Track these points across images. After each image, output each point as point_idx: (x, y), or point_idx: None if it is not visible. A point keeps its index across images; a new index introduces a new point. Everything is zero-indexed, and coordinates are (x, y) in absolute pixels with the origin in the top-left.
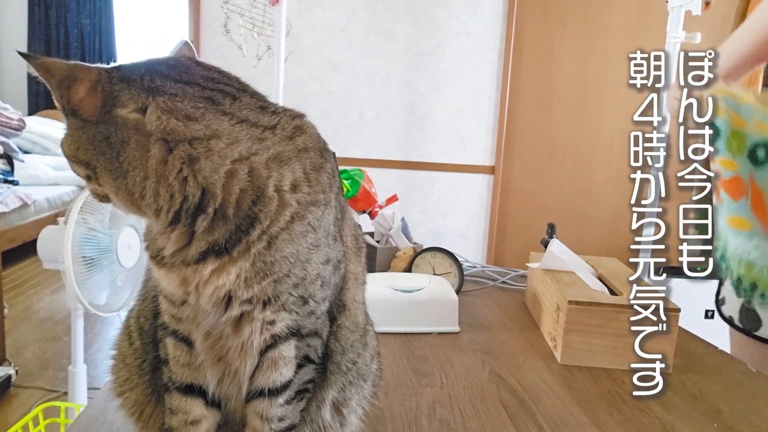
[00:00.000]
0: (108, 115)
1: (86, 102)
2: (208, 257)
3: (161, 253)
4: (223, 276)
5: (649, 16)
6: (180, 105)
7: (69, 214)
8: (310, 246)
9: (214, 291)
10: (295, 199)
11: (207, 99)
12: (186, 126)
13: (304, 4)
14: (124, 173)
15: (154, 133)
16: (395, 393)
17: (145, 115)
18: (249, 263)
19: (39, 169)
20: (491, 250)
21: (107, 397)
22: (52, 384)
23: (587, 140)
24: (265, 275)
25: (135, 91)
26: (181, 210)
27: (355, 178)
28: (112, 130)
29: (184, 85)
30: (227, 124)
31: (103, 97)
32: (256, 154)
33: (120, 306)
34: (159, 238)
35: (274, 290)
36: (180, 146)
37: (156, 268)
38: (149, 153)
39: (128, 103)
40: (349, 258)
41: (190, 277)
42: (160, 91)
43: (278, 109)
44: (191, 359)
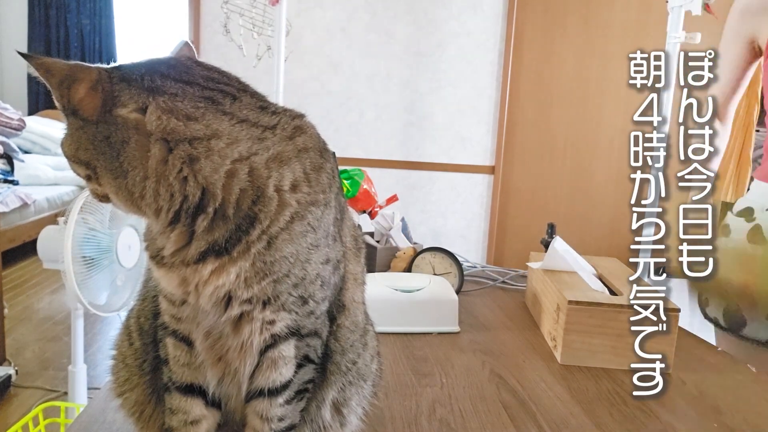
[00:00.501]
0: (108, 115)
1: (86, 102)
2: (208, 257)
3: (161, 253)
4: (223, 276)
5: (649, 16)
6: (180, 105)
7: (69, 214)
8: (310, 246)
9: (213, 291)
10: (295, 199)
11: (207, 99)
12: (186, 126)
13: (304, 4)
14: (124, 173)
15: (154, 133)
16: (395, 393)
17: (145, 115)
18: (249, 263)
19: (39, 169)
20: (491, 250)
21: (107, 397)
22: (52, 384)
23: (587, 140)
24: (265, 275)
25: (135, 90)
26: (181, 210)
27: (355, 178)
28: (112, 129)
29: (184, 84)
30: (227, 123)
31: (103, 97)
32: (256, 154)
33: (120, 306)
34: (158, 238)
35: (273, 290)
36: (180, 146)
37: (156, 268)
38: (149, 153)
39: (128, 102)
40: (349, 258)
41: (189, 277)
42: (161, 91)
43: (278, 109)
44: (191, 359)
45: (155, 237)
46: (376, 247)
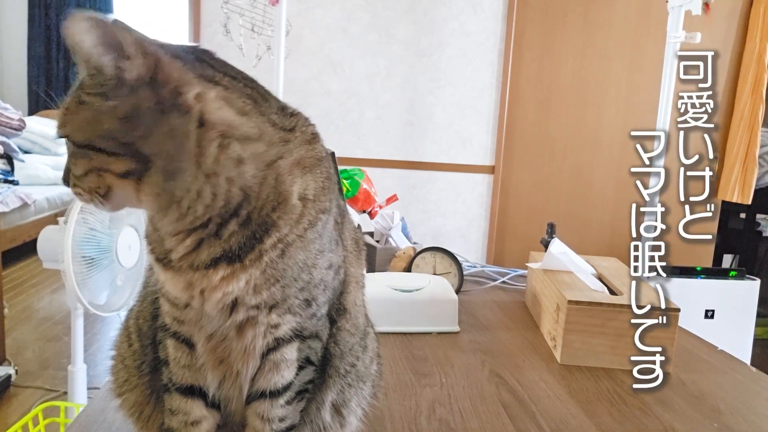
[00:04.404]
0: (172, 100)
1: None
2: (220, 263)
3: (168, 256)
4: (233, 283)
5: (649, 16)
6: (234, 99)
7: (69, 214)
8: (317, 252)
9: (221, 297)
10: (315, 209)
11: (249, 96)
12: (240, 122)
13: (304, 4)
14: (178, 169)
15: (216, 126)
16: (395, 393)
17: (205, 104)
18: (260, 271)
19: (39, 169)
20: (491, 250)
21: (107, 397)
22: (52, 384)
23: (587, 140)
24: (275, 281)
25: (194, 75)
26: (215, 213)
27: (355, 178)
28: (175, 118)
29: (230, 78)
30: (267, 125)
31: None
32: (282, 158)
33: (120, 306)
34: (168, 240)
35: (282, 295)
36: (233, 145)
37: (162, 271)
38: (206, 148)
39: (190, 88)
40: (350, 261)
41: (196, 282)
42: (215, 80)
43: (294, 111)
44: (192, 361)
45: (163, 238)
46: (376, 247)
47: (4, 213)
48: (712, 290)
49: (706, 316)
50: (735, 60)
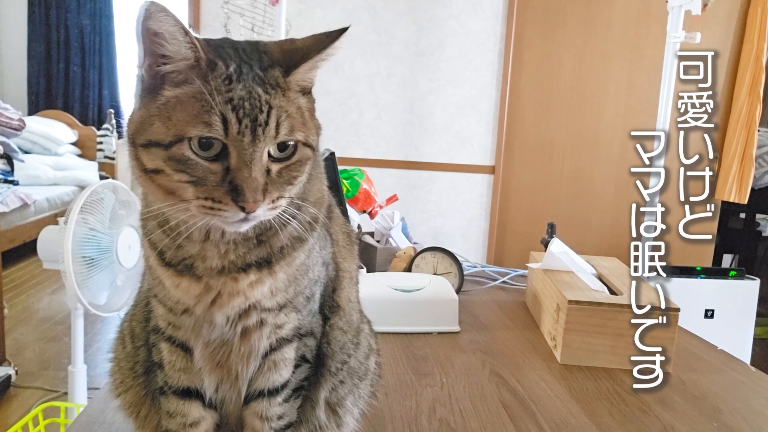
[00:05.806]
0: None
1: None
2: (251, 269)
3: (187, 261)
4: (258, 288)
5: (649, 16)
6: None
7: (69, 214)
8: (318, 251)
9: (239, 303)
10: (335, 215)
11: None
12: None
13: (304, 4)
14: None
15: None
16: (395, 393)
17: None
18: (286, 275)
19: (39, 169)
20: (491, 250)
21: (107, 397)
22: (52, 384)
23: (587, 140)
24: (290, 284)
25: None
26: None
27: (355, 178)
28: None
29: None
30: None
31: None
32: (315, 168)
33: (120, 306)
34: (199, 246)
35: (293, 294)
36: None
37: (173, 276)
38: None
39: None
40: (343, 256)
41: (214, 287)
42: None
43: None
44: (188, 364)
45: (182, 245)
46: (376, 247)
47: (4, 213)
48: (712, 290)
49: (705, 315)
50: (733, 60)
